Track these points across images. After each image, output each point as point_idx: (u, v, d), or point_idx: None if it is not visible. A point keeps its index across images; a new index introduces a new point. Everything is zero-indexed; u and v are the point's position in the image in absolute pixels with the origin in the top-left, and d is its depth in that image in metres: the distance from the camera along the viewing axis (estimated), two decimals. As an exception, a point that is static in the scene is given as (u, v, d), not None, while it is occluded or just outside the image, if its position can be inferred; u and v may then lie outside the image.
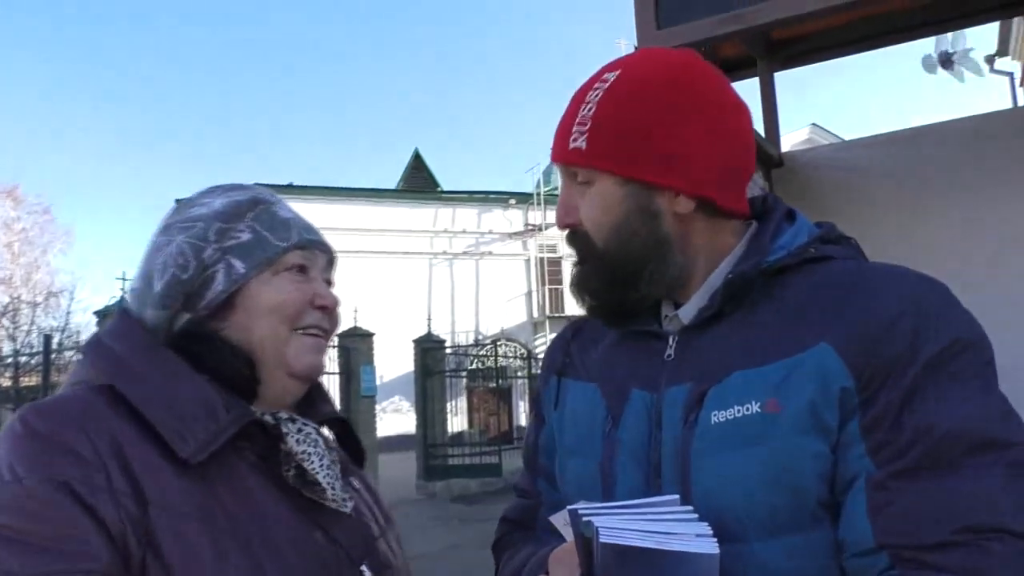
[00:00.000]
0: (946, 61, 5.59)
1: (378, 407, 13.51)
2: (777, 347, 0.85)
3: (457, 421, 15.84)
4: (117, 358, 0.95)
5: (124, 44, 56.37)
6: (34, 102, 52.31)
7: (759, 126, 2.74)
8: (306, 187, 24.51)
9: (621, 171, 0.92)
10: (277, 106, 60.99)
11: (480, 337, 22.98)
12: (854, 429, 0.79)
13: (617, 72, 0.95)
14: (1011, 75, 10.59)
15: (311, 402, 1.08)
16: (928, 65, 5.48)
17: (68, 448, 0.83)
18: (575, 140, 0.94)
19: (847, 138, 3.35)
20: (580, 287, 0.99)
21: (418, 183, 29.35)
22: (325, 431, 1.11)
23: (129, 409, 0.89)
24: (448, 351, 15.37)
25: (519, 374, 18.96)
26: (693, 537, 0.75)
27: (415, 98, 64.46)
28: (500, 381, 18.07)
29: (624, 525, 0.76)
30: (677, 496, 0.82)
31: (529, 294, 26.80)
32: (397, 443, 16.74)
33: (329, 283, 1.10)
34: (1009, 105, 10.03)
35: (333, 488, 0.98)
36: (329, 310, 1.05)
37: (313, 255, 1.06)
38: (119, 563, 0.80)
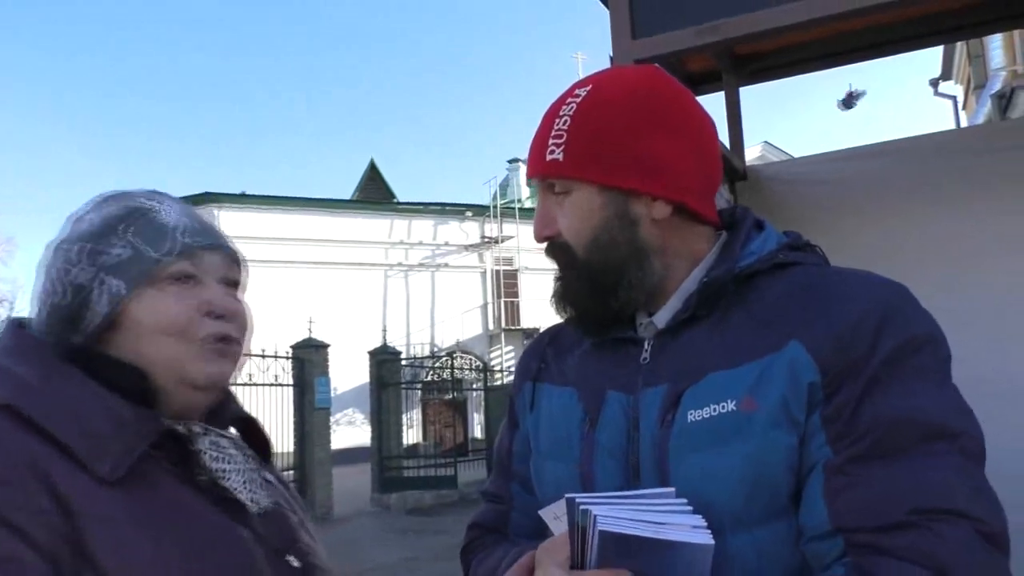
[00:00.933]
0: (849, 100, 5.85)
1: (333, 419, 13.34)
2: (750, 348, 0.89)
3: (412, 433, 15.77)
4: (16, 377, 0.91)
5: (65, 45, 55.19)
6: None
7: (724, 139, 2.80)
8: (260, 196, 24.18)
9: (599, 179, 0.95)
10: (231, 113, 60.17)
11: (436, 349, 22.88)
12: (816, 420, 0.84)
13: (588, 87, 0.99)
14: (954, 99, 10.97)
15: (218, 403, 1.06)
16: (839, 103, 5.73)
17: None
18: (552, 153, 0.96)
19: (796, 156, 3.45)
20: (562, 298, 1.01)
21: (374, 194, 29.19)
22: (232, 430, 1.10)
23: (37, 428, 0.86)
24: (404, 363, 15.26)
25: (475, 386, 18.92)
26: (689, 528, 0.78)
27: (372, 107, 64.19)
28: (455, 394, 18.03)
29: (621, 515, 0.77)
30: (673, 489, 0.85)
31: (485, 306, 26.78)
32: (352, 455, 16.58)
33: (234, 284, 1.06)
34: (953, 126, 10.39)
35: (253, 498, 0.99)
36: (227, 315, 1.00)
37: (202, 260, 1.00)
38: None
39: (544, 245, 1.01)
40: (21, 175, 52.02)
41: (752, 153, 22.92)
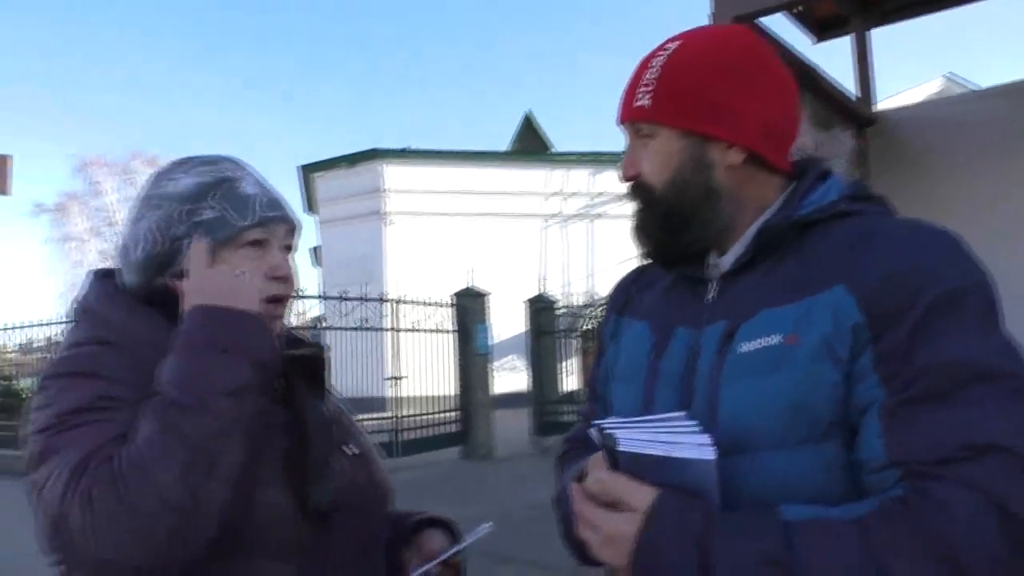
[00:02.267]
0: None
1: (494, 365, 13.83)
2: (799, 289, 0.97)
3: (570, 380, 16.04)
4: (109, 319, 1.14)
5: (246, 17, 58.71)
6: (167, 76, 55.41)
7: (852, 85, 2.76)
8: (422, 151, 25.05)
9: (680, 124, 1.04)
10: (393, 72, 62.14)
11: (593, 298, 23.04)
12: (867, 361, 0.90)
13: (679, 42, 1.09)
14: None
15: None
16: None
17: (96, 375, 1.05)
18: (639, 100, 1.07)
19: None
20: (639, 231, 1.12)
21: (530, 144, 29.40)
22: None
23: (131, 355, 1.09)
24: (560, 311, 15.52)
25: (632, 334, 18.79)
26: (695, 446, 0.87)
27: (526, 60, 64.13)
28: (612, 341, 18.05)
29: (639, 436, 0.88)
30: (684, 412, 0.93)
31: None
32: (512, 400, 17.13)
33: (289, 248, 1.22)
34: None
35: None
36: (283, 278, 1.18)
37: (271, 228, 1.17)
38: None
39: (629, 185, 1.12)
40: (212, 135, 56.62)
41: (931, 88, 21.07)
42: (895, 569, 0.78)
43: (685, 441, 0.88)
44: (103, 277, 1.22)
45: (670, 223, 1.07)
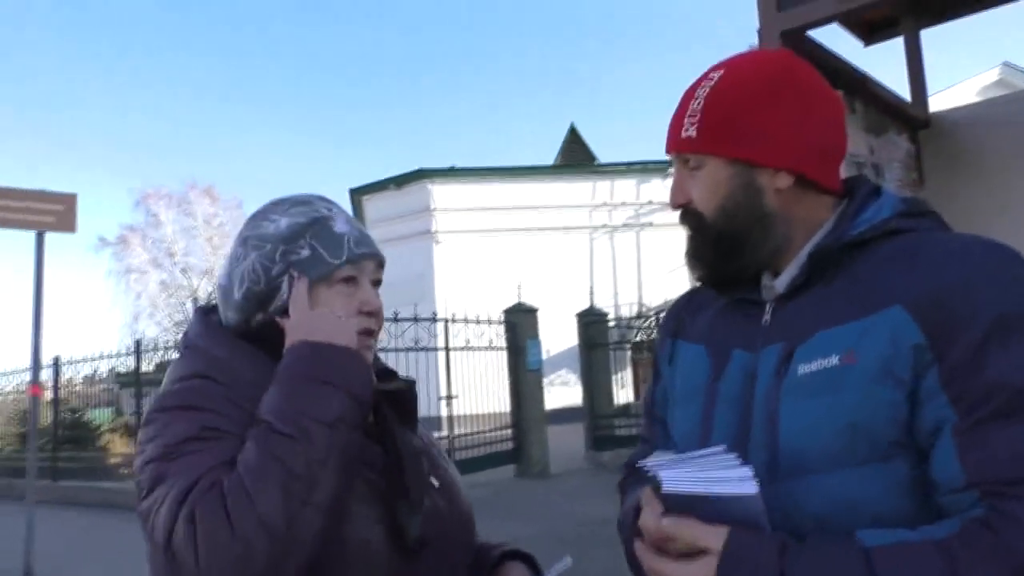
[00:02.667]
0: None
1: (545, 380, 13.82)
2: (854, 310, 0.97)
3: (624, 393, 15.97)
4: (211, 355, 1.19)
5: (291, 46, 60.13)
6: (217, 104, 57.00)
7: (903, 87, 2.69)
8: (467, 169, 25.32)
9: (727, 153, 1.06)
10: (437, 93, 62.93)
11: (643, 309, 22.90)
12: (933, 382, 0.90)
13: (721, 71, 1.10)
14: None
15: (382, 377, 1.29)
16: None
17: (201, 407, 1.10)
18: (686, 131, 1.08)
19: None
20: (692, 257, 1.13)
21: (575, 157, 29.46)
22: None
23: (226, 391, 1.13)
24: (611, 324, 15.46)
25: (685, 345, 18.64)
26: (737, 481, 0.87)
27: (568, 72, 64.35)
28: (665, 352, 17.95)
29: (681, 476, 0.89)
30: (723, 446, 0.94)
31: (693, 263, 26.26)
32: (566, 415, 17.09)
33: (378, 283, 1.27)
34: None
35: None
36: (374, 313, 1.22)
37: (361, 266, 1.22)
38: None
39: (679, 212, 1.14)
40: (265, 164, 58.06)
41: (988, 78, 20.50)
42: None
43: (727, 476, 0.88)
44: (206, 313, 1.28)
45: (722, 248, 1.08)
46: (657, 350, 1.31)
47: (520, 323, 13.07)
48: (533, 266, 23.43)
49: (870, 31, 2.79)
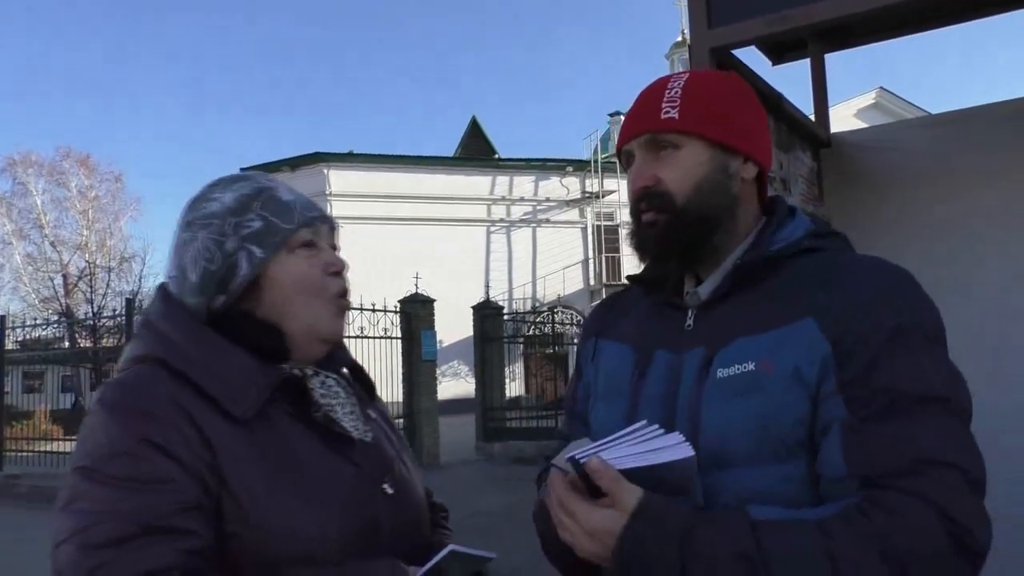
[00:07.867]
0: None
1: (439, 371, 13.80)
2: (772, 320, 1.06)
3: (515, 386, 16.15)
4: (168, 338, 1.12)
5: (187, 16, 57.47)
6: (99, 71, 53.83)
7: (808, 107, 2.87)
8: (366, 155, 24.89)
9: (710, 134, 1.13)
10: (337, 75, 61.57)
11: (538, 304, 23.19)
12: (831, 386, 0.99)
13: (687, 75, 1.19)
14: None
15: (330, 353, 1.26)
16: None
17: (147, 413, 1.02)
18: (666, 113, 1.14)
19: (917, 103, 3.41)
20: (653, 239, 1.15)
21: (476, 150, 29.48)
22: (344, 371, 1.30)
23: (184, 379, 1.07)
24: (506, 318, 15.59)
25: (575, 341, 19.08)
26: (674, 446, 0.94)
27: (473, 65, 64.28)
28: (556, 348, 18.24)
29: (615, 455, 0.94)
30: (645, 421, 0.99)
31: (586, 262, 26.84)
32: (458, 406, 17.11)
33: (334, 248, 1.24)
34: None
35: (356, 428, 1.19)
36: (340, 272, 1.21)
37: (317, 228, 1.20)
38: (204, 496, 1.01)
39: (641, 191, 1.15)
40: (145, 136, 55.23)
41: (865, 100, 21.85)
42: (847, 562, 0.87)
43: (663, 444, 0.95)
44: (168, 294, 1.21)
45: (697, 229, 1.13)
46: (580, 350, 1.36)
47: (416, 313, 13.02)
48: (430, 257, 23.30)
49: (780, 52, 2.96)
